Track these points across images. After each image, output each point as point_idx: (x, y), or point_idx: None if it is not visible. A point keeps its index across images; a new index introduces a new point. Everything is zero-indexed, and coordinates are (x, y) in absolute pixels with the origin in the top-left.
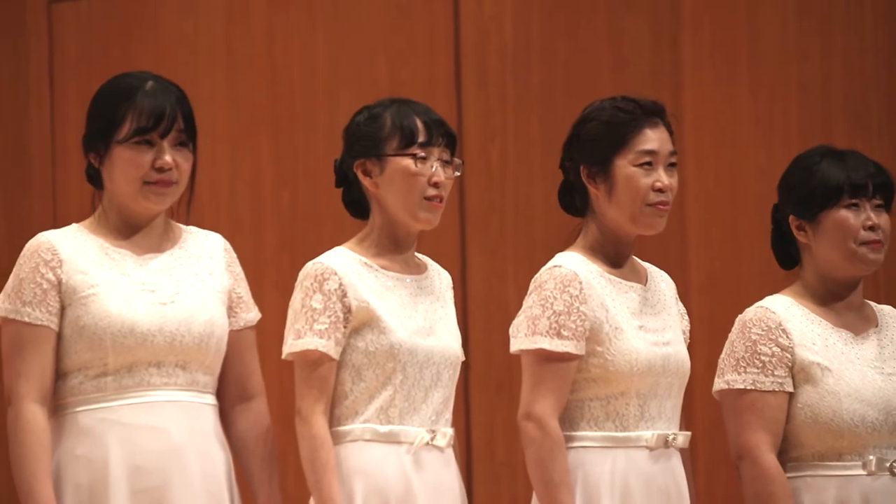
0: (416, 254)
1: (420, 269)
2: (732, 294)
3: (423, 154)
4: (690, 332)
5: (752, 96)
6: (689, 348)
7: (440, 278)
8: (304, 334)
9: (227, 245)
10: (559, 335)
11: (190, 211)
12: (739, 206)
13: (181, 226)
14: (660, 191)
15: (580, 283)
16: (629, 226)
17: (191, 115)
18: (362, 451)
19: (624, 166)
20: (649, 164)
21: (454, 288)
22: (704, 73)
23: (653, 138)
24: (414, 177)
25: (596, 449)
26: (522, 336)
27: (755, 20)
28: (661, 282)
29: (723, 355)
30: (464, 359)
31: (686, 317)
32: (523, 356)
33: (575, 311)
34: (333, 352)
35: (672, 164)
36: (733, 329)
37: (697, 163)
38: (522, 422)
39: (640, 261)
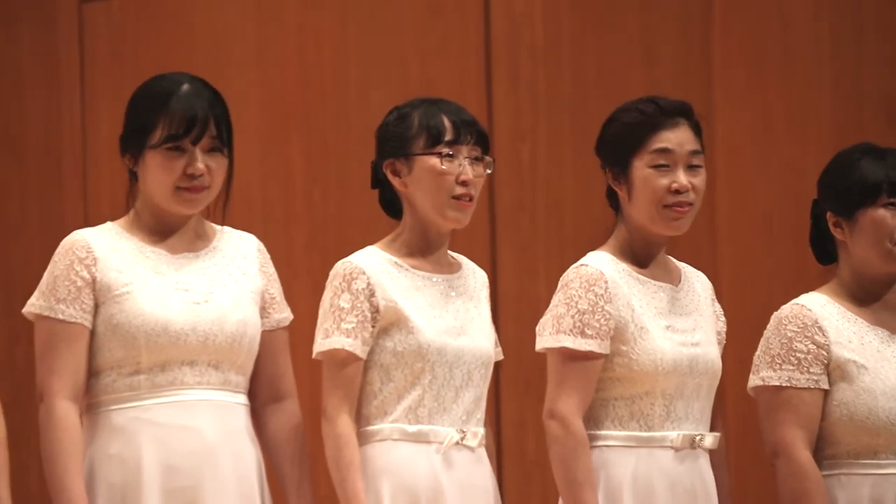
0: (451, 253)
1: (453, 268)
2: (763, 291)
3: (449, 152)
4: None
5: (784, 93)
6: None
7: (475, 277)
8: (332, 333)
9: (261, 246)
10: (583, 334)
11: (225, 213)
12: (771, 204)
13: (215, 226)
14: (677, 192)
15: (606, 282)
16: (651, 227)
17: (225, 119)
18: (390, 450)
19: (640, 168)
20: (665, 164)
21: None
22: (735, 71)
23: (668, 138)
24: (441, 175)
25: (620, 448)
26: (547, 334)
27: (786, 16)
28: (697, 282)
29: (758, 352)
30: (501, 358)
31: (722, 318)
32: (548, 354)
33: (599, 310)
34: (360, 351)
35: (695, 165)
36: (769, 326)
37: (729, 160)
38: (546, 420)
39: (675, 261)
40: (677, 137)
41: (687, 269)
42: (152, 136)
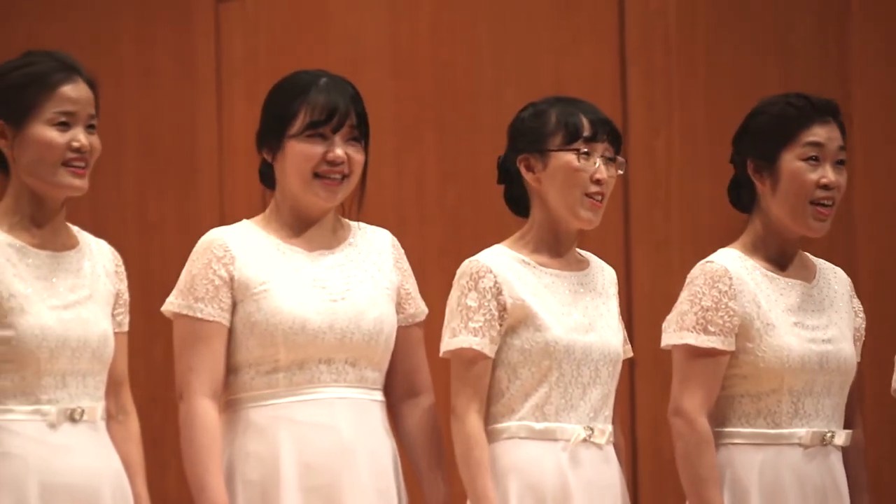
0: (579, 250)
1: (581, 265)
2: None
3: (586, 150)
4: None
5: None
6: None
7: (604, 274)
8: (459, 333)
9: (395, 241)
10: (706, 331)
11: (361, 209)
12: None
13: (351, 222)
14: (825, 187)
15: (730, 278)
16: (790, 223)
17: (363, 113)
18: (517, 448)
19: (790, 160)
20: (815, 158)
21: (619, 283)
22: (873, 66)
23: (820, 133)
24: (576, 173)
25: (746, 446)
26: (671, 331)
27: None
28: (833, 279)
29: None
30: (630, 355)
31: (861, 314)
32: (673, 351)
33: (723, 306)
34: (488, 350)
35: (840, 162)
36: None
37: (866, 156)
38: (671, 418)
39: (811, 257)
40: (828, 133)
41: (823, 266)
42: (292, 124)
